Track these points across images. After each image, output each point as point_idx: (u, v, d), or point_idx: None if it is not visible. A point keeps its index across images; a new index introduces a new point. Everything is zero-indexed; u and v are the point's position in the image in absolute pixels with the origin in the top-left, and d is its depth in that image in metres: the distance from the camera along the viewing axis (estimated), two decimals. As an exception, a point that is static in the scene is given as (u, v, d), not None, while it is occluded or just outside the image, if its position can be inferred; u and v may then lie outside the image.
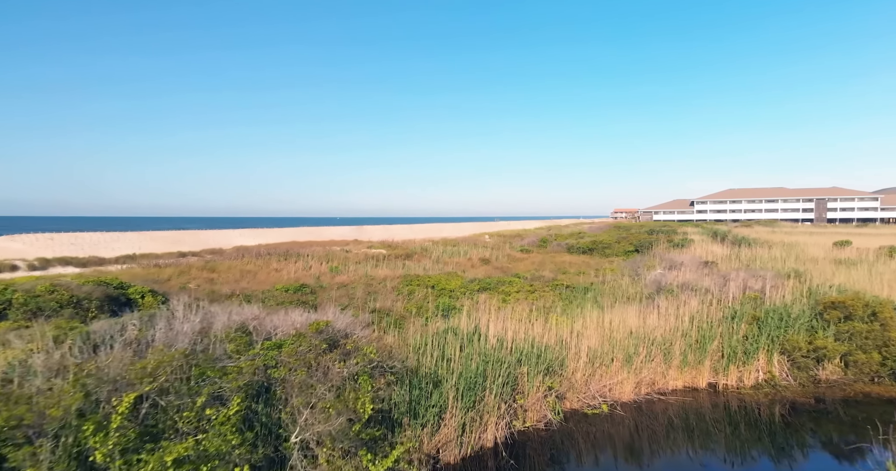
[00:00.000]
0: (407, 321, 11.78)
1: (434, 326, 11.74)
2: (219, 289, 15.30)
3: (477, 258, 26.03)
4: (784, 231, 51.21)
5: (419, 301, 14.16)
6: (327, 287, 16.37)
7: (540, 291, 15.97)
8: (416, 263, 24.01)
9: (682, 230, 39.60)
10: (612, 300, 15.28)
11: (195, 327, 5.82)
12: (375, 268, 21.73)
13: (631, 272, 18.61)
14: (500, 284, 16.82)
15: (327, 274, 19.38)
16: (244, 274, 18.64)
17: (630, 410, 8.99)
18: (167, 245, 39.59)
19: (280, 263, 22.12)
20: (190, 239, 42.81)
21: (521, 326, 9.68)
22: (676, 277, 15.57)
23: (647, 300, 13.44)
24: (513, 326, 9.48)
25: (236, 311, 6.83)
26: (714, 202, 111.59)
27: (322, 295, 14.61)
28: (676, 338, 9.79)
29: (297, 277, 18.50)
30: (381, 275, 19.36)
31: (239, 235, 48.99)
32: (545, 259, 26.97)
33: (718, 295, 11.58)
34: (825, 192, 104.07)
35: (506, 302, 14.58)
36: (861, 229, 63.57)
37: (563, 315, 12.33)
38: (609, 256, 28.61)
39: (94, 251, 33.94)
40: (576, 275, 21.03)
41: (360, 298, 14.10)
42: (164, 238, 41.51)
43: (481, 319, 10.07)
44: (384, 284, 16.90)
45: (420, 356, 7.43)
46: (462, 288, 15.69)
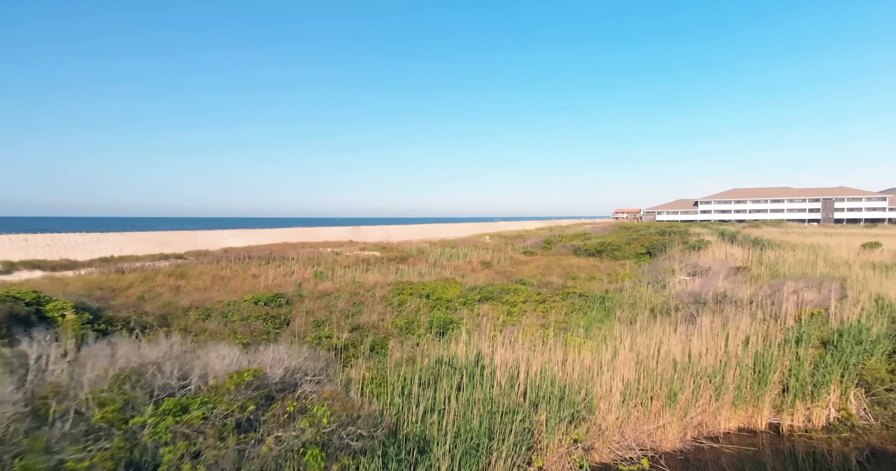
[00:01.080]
0: (394, 342, 9.80)
1: (426, 348, 9.77)
2: (180, 300, 13.31)
3: (477, 261, 24.04)
4: (796, 232, 49.25)
5: (410, 314, 12.17)
6: (307, 296, 14.37)
7: (550, 300, 13.99)
8: (411, 268, 22.02)
9: (694, 231, 37.58)
10: (633, 312, 13.30)
11: (53, 379, 3.83)
12: (365, 273, 19.74)
13: (651, 279, 16.63)
14: (505, 293, 14.83)
15: (311, 280, 17.38)
16: (217, 281, 16.65)
17: (675, 462, 7.01)
18: (152, 247, 37.57)
19: (261, 267, 20.12)
20: (177, 240, 40.79)
21: (533, 353, 7.71)
22: (706, 285, 13.60)
23: (676, 314, 11.47)
24: (524, 354, 7.50)
25: (136, 352, 4.81)
26: (718, 202, 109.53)
27: (298, 307, 12.61)
28: (730, 367, 7.82)
29: (277, 284, 16.51)
30: (370, 281, 17.37)
31: (229, 235, 46.97)
32: (551, 262, 24.98)
33: (771, 310, 9.60)
34: (832, 191, 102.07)
35: (511, 315, 12.60)
36: (872, 230, 61.62)
37: (584, 335, 10.35)
38: (619, 258, 26.62)
39: (70, 253, 31.93)
40: (587, 281, 19.05)
41: (341, 312, 12.11)
42: (149, 239, 39.48)
43: (484, 346, 8.08)
44: (373, 293, 14.90)
45: (402, 407, 5.45)
46: (461, 298, 13.71)
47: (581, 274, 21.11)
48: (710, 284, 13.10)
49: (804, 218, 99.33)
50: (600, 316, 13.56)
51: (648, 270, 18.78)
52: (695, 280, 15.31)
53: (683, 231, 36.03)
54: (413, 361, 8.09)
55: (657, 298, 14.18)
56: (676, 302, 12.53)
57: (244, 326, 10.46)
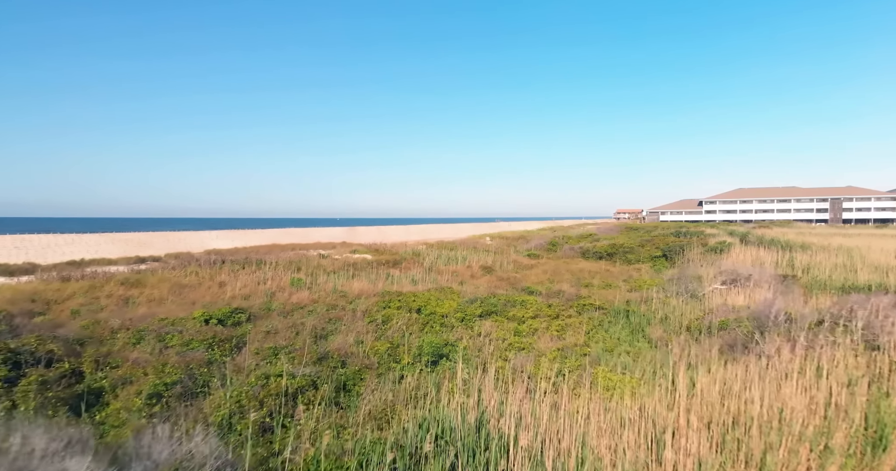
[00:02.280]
0: (371, 377, 7.57)
1: (413, 381, 7.53)
2: (122, 315, 11.06)
3: (477, 266, 21.78)
4: (812, 232, 47.02)
5: (396, 336, 9.92)
6: (276, 310, 12.13)
7: (564, 315, 11.75)
8: (404, 273, 19.76)
9: (709, 232, 35.30)
10: (666, 330, 11.06)
11: None
12: (351, 280, 17.48)
13: (679, 288, 14.37)
14: (510, 306, 12.59)
15: (286, 289, 15.12)
16: (176, 290, 14.39)
17: None
18: (130, 248, 35.30)
19: (234, 273, 17.86)
20: (159, 241, 38.50)
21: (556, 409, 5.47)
22: (753, 297, 11.36)
23: (726, 336, 9.23)
24: (544, 411, 5.24)
25: None
26: (723, 202, 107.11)
27: (259, 326, 10.35)
28: (836, 425, 5.57)
29: (245, 294, 14.25)
30: (355, 290, 15.11)
31: (216, 236, 44.69)
32: (558, 266, 22.73)
33: (861, 335, 7.36)
34: (840, 191, 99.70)
35: (520, 335, 10.35)
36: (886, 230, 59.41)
37: (613, 362, 8.10)
38: (633, 262, 24.37)
39: (39, 256, 29.67)
40: (602, 289, 16.80)
41: (310, 332, 9.85)
42: (129, 241, 37.20)
43: (488, 392, 5.85)
44: (355, 306, 12.66)
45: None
46: (458, 312, 11.45)
47: (594, 280, 18.86)
48: (757, 296, 10.84)
49: (811, 218, 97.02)
50: (625, 333, 11.34)
51: (673, 278, 16.52)
52: (732, 290, 13.07)
53: (698, 232, 33.73)
54: (390, 416, 5.86)
55: (692, 312, 11.94)
56: (721, 318, 10.27)
57: (182, 354, 8.21)
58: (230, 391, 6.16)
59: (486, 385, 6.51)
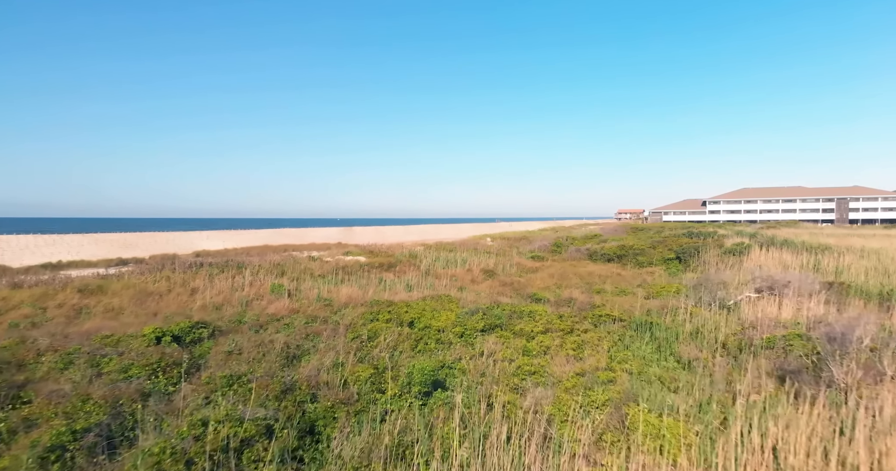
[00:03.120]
0: (343, 419, 6.02)
1: (400, 420, 5.99)
2: (69, 327, 9.50)
3: (478, 269, 20.21)
4: (824, 233, 45.37)
5: (382, 357, 8.36)
6: (247, 323, 10.56)
7: (579, 330, 10.18)
8: (399, 277, 18.21)
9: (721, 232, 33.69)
10: (699, 347, 9.50)
11: None
12: (340, 285, 15.93)
13: (705, 295, 12.79)
14: (516, 317, 11.03)
15: (265, 297, 13.56)
16: (141, 298, 12.83)
17: None
18: (114, 249, 33.74)
19: (213, 277, 16.30)
20: (145, 242, 36.93)
21: None
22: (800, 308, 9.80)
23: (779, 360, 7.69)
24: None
25: None
26: (728, 202, 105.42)
27: (222, 344, 8.79)
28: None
29: (217, 303, 12.69)
30: (342, 297, 13.55)
31: (207, 237, 43.11)
32: (565, 269, 21.15)
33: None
34: (846, 191, 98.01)
35: (530, 355, 8.79)
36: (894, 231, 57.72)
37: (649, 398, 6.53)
38: (645, 265, 22.77)
39: (16, 258, 28.12)
40: (617, 296, 15.23)
41: (280, 353, 8.28)
42: (113, 241, 35.63)
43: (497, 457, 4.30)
44: (339, 317, 11.10)
45: None
46: (457, 326, 9.89)
47: (606, 285, 17.29)
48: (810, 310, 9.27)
49: (817, 218, 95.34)
50: (649, 350, 9.77)
51: (694, 283, 14.94)
52: (768, 299, 11.50)
53: (711, 233, 32.11)
54: None
55: (727, 326, 10.37)
56: (767, 335, 8.70)
57: (114, 384, 6.65)
58: (148, 448, 4.59)
59: (492, 436, 4.96)
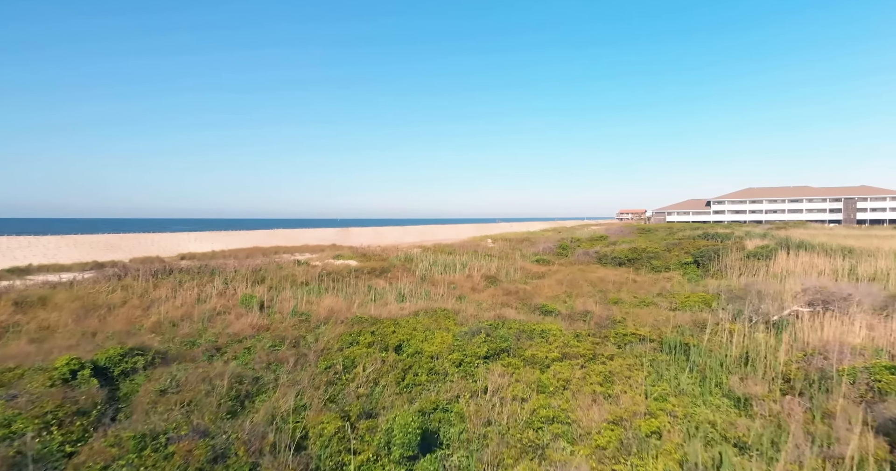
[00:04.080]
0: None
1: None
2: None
3: (479, 275, 18.39)
4: (840, 234, 43.53)
5: (362, 391, 6.56)
6: (201, 346, 8.76)
7: (603, 355, 8.38)
8: (391, 285, 16.40)
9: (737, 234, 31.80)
10: (753, 377, 7.70)
11: None
12: (324, 294, 14.13)
13: (741, 308, 10.96)
14: (525, 337, 9.23)
15: (233, 310, 11.75)
16: (87, 312, 11.03)
17: None
18: (95, 252, 31.95)
19: (182, 285, 14.50)
20: (129, 244, 35.13)
21: None
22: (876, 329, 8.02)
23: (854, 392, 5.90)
24: None
25: None
26: (732, 202, 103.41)
27: (159, 378, 6.97)
28: None
29: (174, 318, 10.89)
30: (321, 310, 11.74)
31: (195, 239, 41.29)
32: (574, 275, 19.35)
33: None
34: (853, 190, 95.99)
35: (547, 393, 6.98)
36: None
37: None
38: (660, 270, 20.96)
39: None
40: (637, 307, 13.42)
41: (226, 393, 6.47)
42: (94, 243, 33.83)
43: None
44: (314, 337, 9.30)
45: None
46: (455, 351, 8.08)
47: (622, 294, 15.49)
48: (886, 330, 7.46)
49: (824, 219, 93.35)
50: (691, 381, 7.96)
51: (729, 294, 13.12)
52: (825, 315, 9.69)
53: (727, 234, 30.24)
54: None
55: (784, 352, 8.55)
56: (847, 365, 6.89)
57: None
58: None
59: None
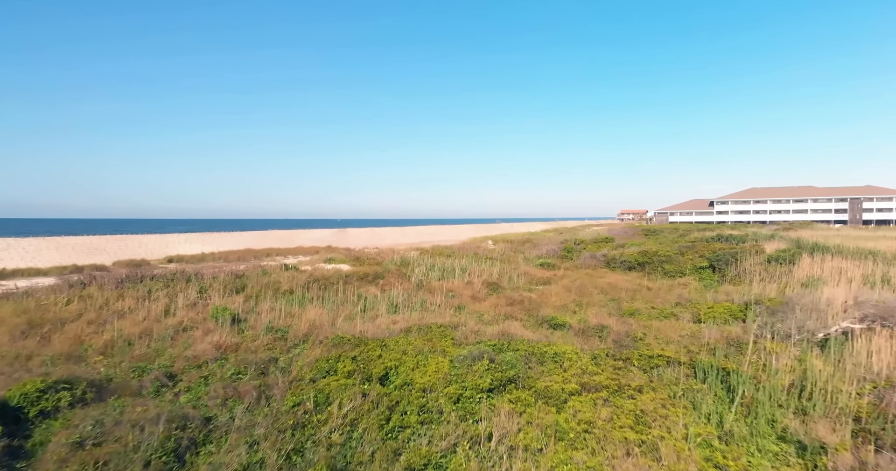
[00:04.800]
0: None
1: None
2: None
3: (480, 281, 17.02)
4: (854, 235, 42.18)
5: (336, 437, 5.17)
6: (153, 372, 7.38)
7: (629, 385, 7.00)
8: (383, 292, 15.02)
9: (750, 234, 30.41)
10: (808, 408, 6.32)
11: None
12: (308, 305, 12.74)
13: (777, 321, 9.58)
14: (535, 361, 7.86)
15: (202, 324, 10.37)
16: (29, 329, 9.64)
17: None
18: (78, 255, 30.57)
19: (152, 294, 13.12)
20: (114, 246, 33.74)
21: None
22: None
23: None
24: None
25: None
26: (736, 202, 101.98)
27: (77, 423, 5.59)
28: None
29: (131, 335, 9.51)
30: (302, 325, 10.36)
31: (185, 240, 39.90)
32: (582, 281, 17.98)
33: None
34: (858, 190, 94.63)
35: (566, 440, 5.61)
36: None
37: None
38: (673, 275, 19.59)
39: (-42, 265, 24.95)
40: (656, 319, 12.03)
41: (158, 447, 5.09)
42: (77, 246, 32.43)
43: None
44: (285, 363, 7.93)
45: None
46: (452, 382, 6.70)
47: (636, 303, 14.12)
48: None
49: (829, 219, 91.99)
50: (734, 417, 6.58)
51: (751, 302, 11.74)
52: (883, 332, 8.33)
53: (741, 236, 28.85)
54: None
55: (842, 378, 7.17)
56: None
57: None
58: None
59: None
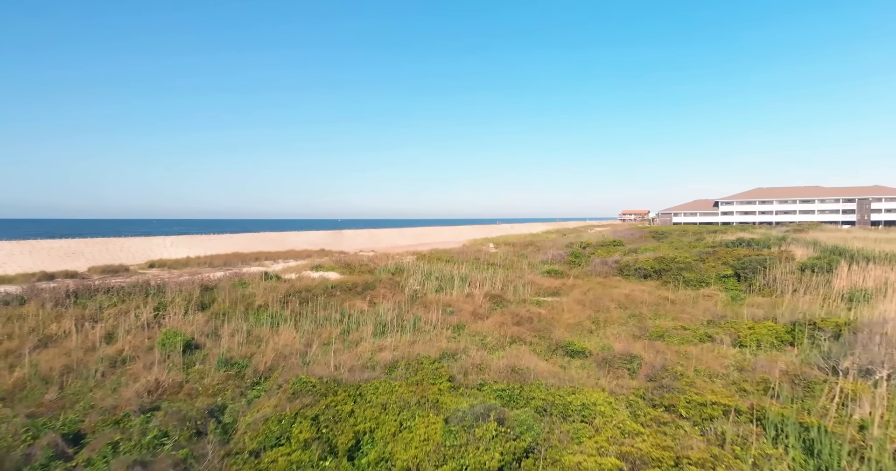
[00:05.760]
0: None
1: None
2: None
3: (481, 293, 15.18)
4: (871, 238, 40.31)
5: None
6: (53, 429, 5.55)
7: (687, 460, 5.15)
8: (372, 307, 13.20)
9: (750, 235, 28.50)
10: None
11: None
12: (281, 325, 10.91)
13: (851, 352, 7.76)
14: (557, 417, 6.02)
15: (144, 355, 8.54)
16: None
17: None
18: (52, 260, 28.73)
19: (103, 311, 11.30)
20: (94, 250, 31.90)
21: None
22: None
23: None
24: None
25: None
26: (741, 203, 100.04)
27: None
28: None
29: (50, 373, 7.69)
30: (268, 353, 8.53)
31: (171, 243, 38.08)
32: (596, 292, 16.16)
33: None
34: (866, 190, 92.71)
35: None
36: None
37: None
38: (695, 285, 17.75)
39: (-82, 271, 23.21)
40: (688, 343, 10.19)
41: None
42: (54, 249, 30.59)
43: None
44: (232, 412, 6.10)
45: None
46: (448, 461, 4.86)
47: (662, 320, 12.29)
48: None
49: (837, 219, 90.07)
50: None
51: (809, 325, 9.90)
52: None
53: (765, 240, 26.94)
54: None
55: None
56: None
57: None
58: None
59: None
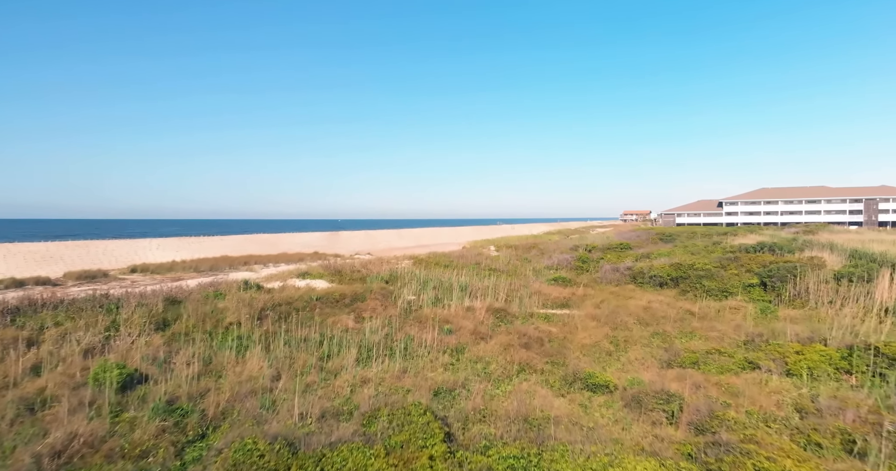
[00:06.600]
0: None
1: None
2: None
3: (484, 307, 13.57)
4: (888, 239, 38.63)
5: None
6: None
7: None
8: (359, 323, 11.59)
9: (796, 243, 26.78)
10: None
11: None
12: (251, 349, 9.32)
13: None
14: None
15: (71, 393, 6.94)
16: None
17: None
18: (28, 265, 27.10)
19: (44, 333, 9.72)
20: (75, 254, 30.30)
21: None
22: None
23: None
24: None
25: None
26: (746, 203, 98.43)
27: None
28: None
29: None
30: (225, 390, 6.94)
31: (157, 246, 36.45)
32: (610, 303, 14.56)
33: None
34: (873, 191, 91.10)
35: None
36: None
37: None
38: (718, 295, 16.13)
39: None
40: (730, 372, 8.59)
41: None
42: (30, 254, 28.98)
43: None
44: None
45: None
46: None
47: (692, 341, 10.69)
48: None
49: (843, 220, 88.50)
50: None
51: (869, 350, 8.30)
52: None
53: (789, 245, 25.21)
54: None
55: None
56: None
57: None
58: None
59: None
